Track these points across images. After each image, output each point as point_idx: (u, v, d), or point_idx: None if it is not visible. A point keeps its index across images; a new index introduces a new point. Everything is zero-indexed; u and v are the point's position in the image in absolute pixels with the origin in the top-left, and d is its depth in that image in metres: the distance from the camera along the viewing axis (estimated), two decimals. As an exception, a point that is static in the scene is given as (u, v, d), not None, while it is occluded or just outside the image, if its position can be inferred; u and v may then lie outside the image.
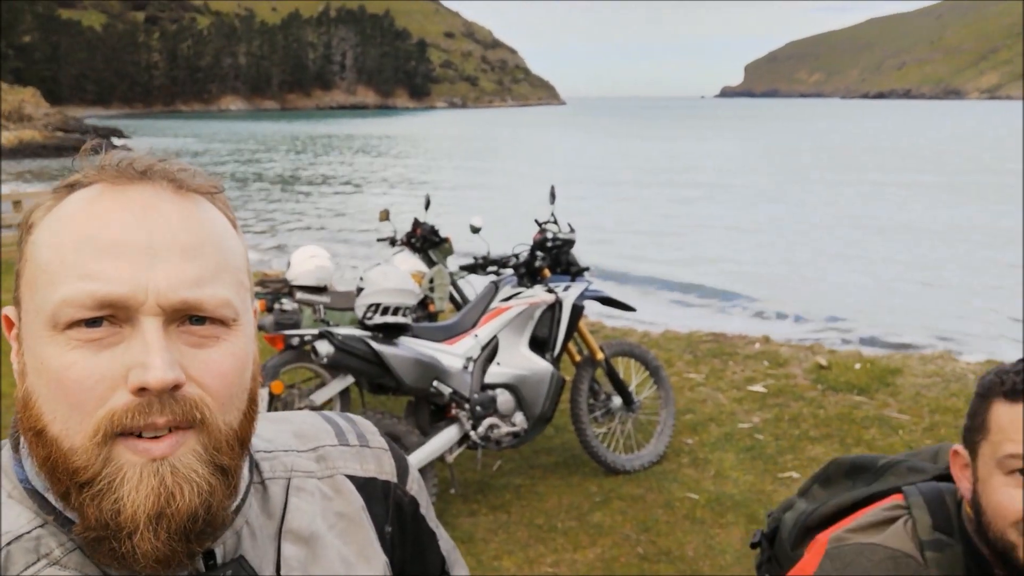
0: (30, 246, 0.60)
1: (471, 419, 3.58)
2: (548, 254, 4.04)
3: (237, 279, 0.62)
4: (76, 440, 0.56)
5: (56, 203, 0.61)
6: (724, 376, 5.68)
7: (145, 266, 0.57)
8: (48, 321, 0.57)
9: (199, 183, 0.63)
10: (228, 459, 0.60)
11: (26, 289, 0.60)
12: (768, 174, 27.43)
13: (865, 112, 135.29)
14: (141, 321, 0.56)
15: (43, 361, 0.57)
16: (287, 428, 0.77)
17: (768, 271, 12.19)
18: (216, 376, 0.59)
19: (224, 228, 0.63)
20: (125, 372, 0.56)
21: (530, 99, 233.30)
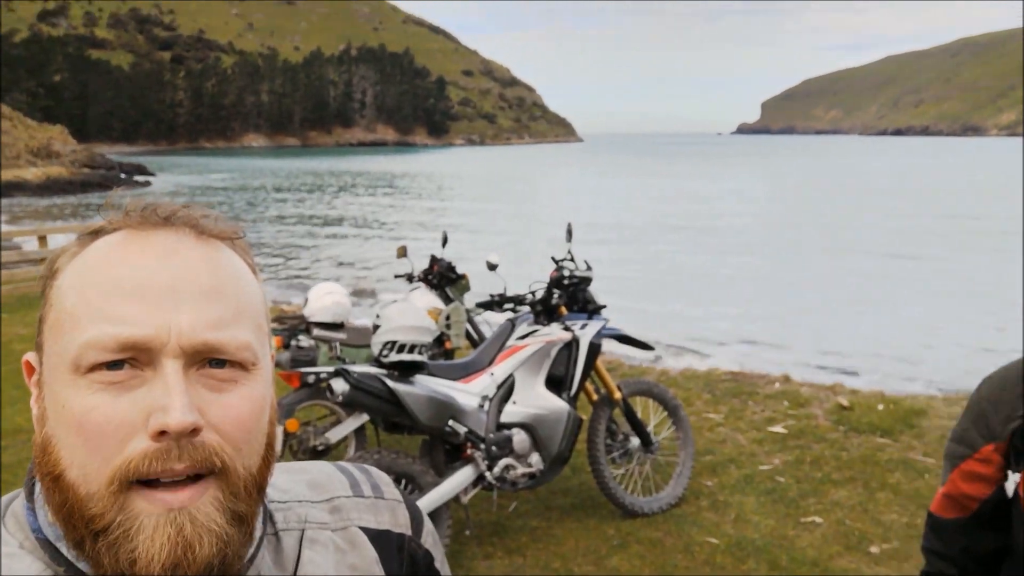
0: (54, 291, 0.61)
1: (486, 459, 3.53)
2: (565, 292, 4.02)
3: (256, 323, 0.63)
4: (93, 486, 0.56)
5: (81, 249, 0.62)
6: (744, 416, 5.59)
7: (168, 308, 0.58)
8: (71, 364, 0.57)
9: (220, 229, 0.64)
10: (246, 506, 0.60)
11: (49, 333, 0.61)
12: (787, 214, 27.34)
13: (886, 149, 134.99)
14: (163, 364, 0.57)
15: (64, 405, 0.57)
16: (301, 478, 0.76)
17: (784, 312, 12.07)
18: (234, 421, 0.59)
19: (244, 273, 0.64)
20: (145, 416, 0.56)
21: (547, 136, 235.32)
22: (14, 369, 7.06)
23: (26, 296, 10.81)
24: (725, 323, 11.19)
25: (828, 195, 36.33)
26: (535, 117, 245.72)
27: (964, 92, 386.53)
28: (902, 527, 3.93)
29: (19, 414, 5.84)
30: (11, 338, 8.28)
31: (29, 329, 8.75)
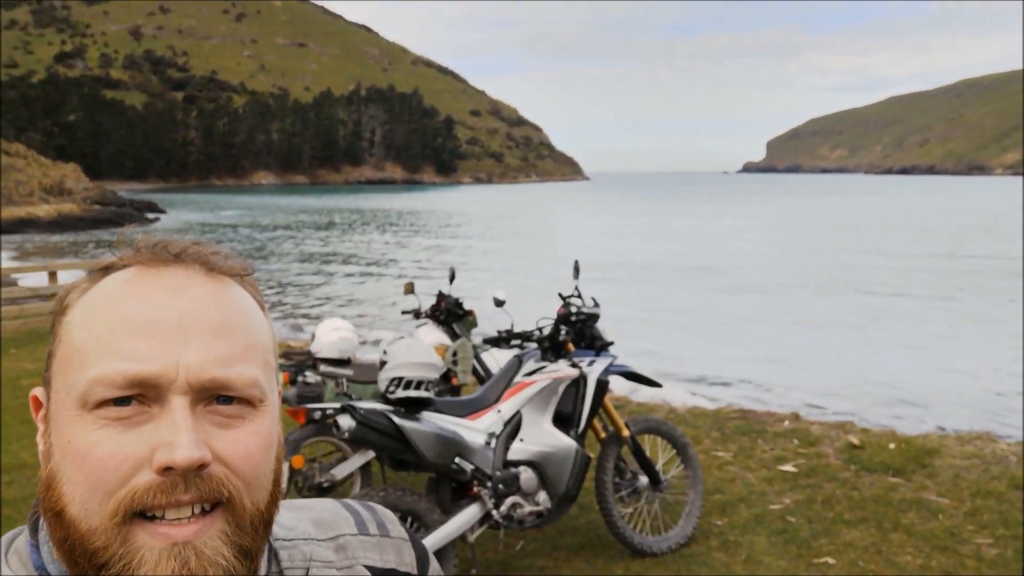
0: (64, 327, 0.62)
1: (493, 497, 3.49)
2: (572, 328, 4.01)
3: (264, 359, 0.63)
4: (95, 521, 0.56)
5: (91, 285, 0.62)
6: (753, 455, 5.52)
7: (176, 345, 0.58)
8: (78, 400, 0.58)
9: (230, 265, 0.64)
10: (252, 541, 0.60)
11: (58, 369, 0.61)
12: (792, 253, 27.34)
13: (893, 187, 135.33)
14: (170, 400, 0.57)
15: (70, 440, 0.57)
16: (307, 515, 0.75)
17: (791, 351, 12.00)
18: (242, 456, 0.59)
19: (253, 309, 0.64)
20: (151, 452, 0.56)
21: (554, 175, 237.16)
22: (20, 404, 7.06)
23: (35, 331, 10.85)
24: (732, 362, 11.12)
25: (834, 233, 36.37)
26: (542, 156, 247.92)
27: (969, 132, 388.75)
28: (916, 569, 3.85)
29: (24, 450, 5.82)
30: (18, 373, 8.29)
31: (36, 364, 8.77)
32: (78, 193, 45.63)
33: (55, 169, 47.92)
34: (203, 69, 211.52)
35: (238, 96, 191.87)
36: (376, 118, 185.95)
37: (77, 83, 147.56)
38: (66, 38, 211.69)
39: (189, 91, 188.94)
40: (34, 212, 38.27)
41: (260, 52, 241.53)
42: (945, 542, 4.10)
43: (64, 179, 46.46)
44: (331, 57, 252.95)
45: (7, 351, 9.50)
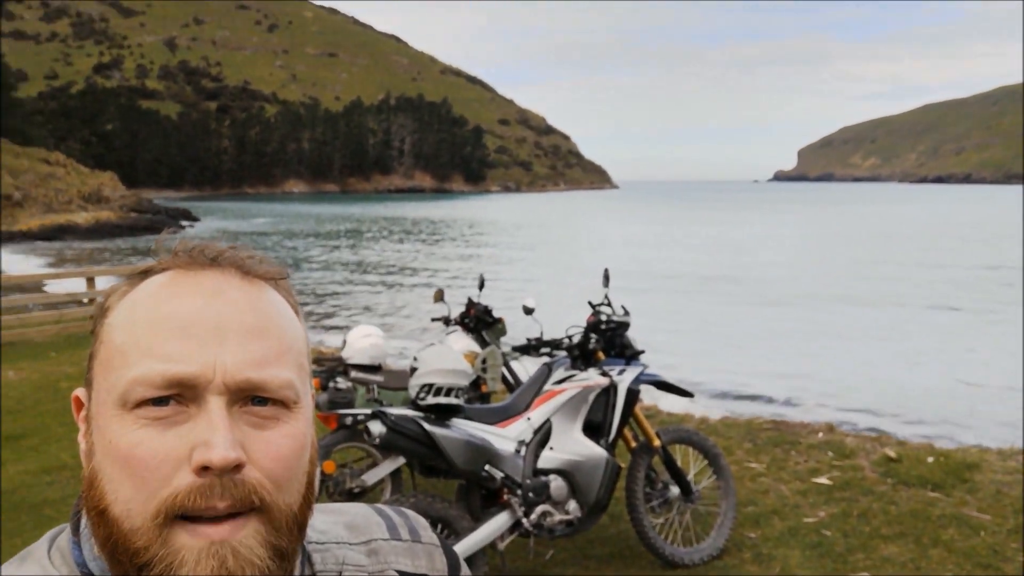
0: (105, 329, 0.63)
1: (523, 506, 3.48)
2: (602, 336, 3.98)
3: (298, 362, 0.64)
4: (137, 521, 0.57)
5: (131, 288, 0.64)
6: (787, 466, 5.44)
7: (213, 346, 0.59)
8: (118, 400, 0.59)
9: (265, 269, 0.66)
10: (287, 542, 0.60)
11: (99, 370, 0.62)
12: (824, 262, 26.95)
13: (927, 196, 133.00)
14: (207, 400, 0.58)
15: (111, 440, 0.59)
16: (339, 519, 0.76)
17: (824, 363, 11.81)
18: (276, 459, 0.60)
19: (287, 313, 0.66)
20: (189, 451, 0.57)
21: (583, 183, 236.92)
22: (61, 407, 7.19)
23: (73, 336, 11.07)
24: (761, 376, 10.96)
25: (865, 243, 35.82)
26: (570, 164, 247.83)
27: (1006, 140, 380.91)
28: (957, 586, 3.76)
29: (64, 451, 5.93)
30: (58, 377, 8.46)
31: (76, 368, 8.94)
32: (115, 201, 46.60)
33: (93, 177, 49.00)
34: (236, 79, 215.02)
35: (270, 105, 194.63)
36: (405, 127, 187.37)
37: (114, 93, 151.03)
38: (104, 50, 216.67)
39: (222, 101, 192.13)
40: (73, 219, 39.15)
41: (292, 62, 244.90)
42: (987, 559, 4.00)
43: (101, 187, 47.49)
44: (361, 67, 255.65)
45: (47, 355, 9.70)
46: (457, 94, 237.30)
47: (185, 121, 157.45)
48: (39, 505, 4.90)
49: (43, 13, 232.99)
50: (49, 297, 13.51)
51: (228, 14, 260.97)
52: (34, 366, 8.97)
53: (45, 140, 71.83)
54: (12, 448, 5.99)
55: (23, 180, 40.93)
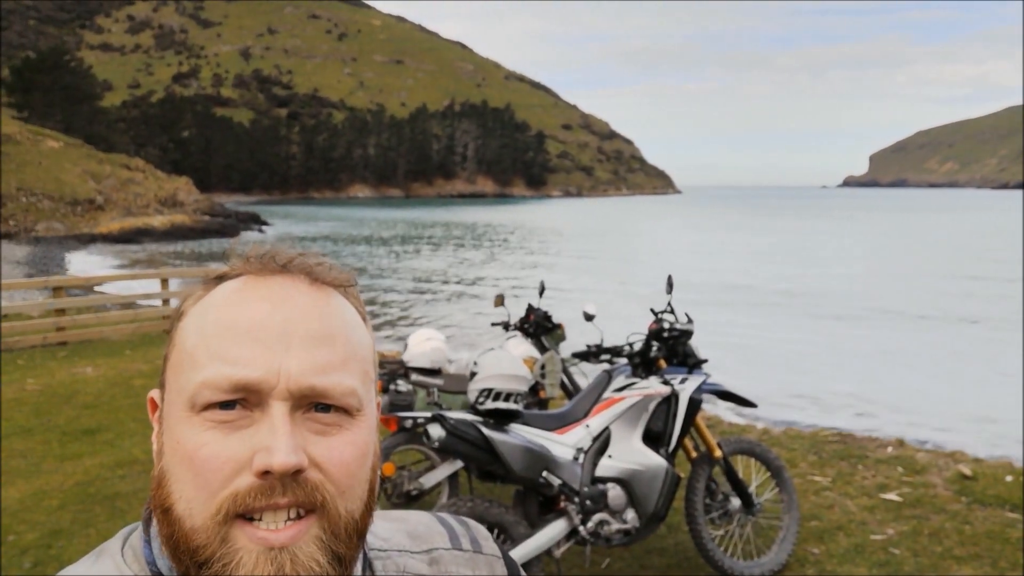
0: (179, 332, 0.65)
1: (580, 513, 3.46)
2: (664, 344, 3.94)
3: (363, 370, 0.64)
4: (198, 520, 0.58)
5: (205, 293, 0.66)
6: (853, 481, 5.27)
7: (278, 352, 0.60)
8: (187, 403, 0.60)
9: (333, 276, 0.66)
10: (346, 548, 0.61)
11: (171, 372, 0.64)
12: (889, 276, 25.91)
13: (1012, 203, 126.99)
14: (270, 405, 0.59)
15: (178, 441, 0.60)
16: (402, 527, 0.77)
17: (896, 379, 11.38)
18: (338, 464, 0.60)
19: (354, 320, 0.66)
20: (251, 455, 0.58)
21: (645, 188, 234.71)
22: (134, 403, 7.49)
23: (148, 334, 11.53)
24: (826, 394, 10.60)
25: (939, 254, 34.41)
26: (632, 169, 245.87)
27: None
28: (1036, 613, 3.58)
29: (136, 446, 6.17)
30: (131, 374, 8.82)
31: (149, 365, 9.30)
32: (189, 205, 48.34)
33: (169, 182, 50.94)
34: (306, 87, 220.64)
35: (338, 112, 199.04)
36: (469, 132, 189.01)
37: (191, 101, 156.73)
38: (183, 59, 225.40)
39: (292, 108, 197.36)
40: (150, 222, 40.77)
41: (359, 69, 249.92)
42: (1069, 585, 3.80)
43: (177, 191, 49.32)
44: (427, 73, 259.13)
45: (123, 352, 10.12)
46: (520, 100, 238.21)
47: (256, 128, 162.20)
48: (112, 497, 5.11)
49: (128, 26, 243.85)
50: (126, 297, 14.10)
51: (300, 23, 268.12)
52: (110, 363, 9.37)
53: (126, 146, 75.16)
54: (88, 442, 6.26)
55: (105, 185, 42.87)
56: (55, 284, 11.45)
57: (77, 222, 37.75)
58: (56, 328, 10.68)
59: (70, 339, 10.74)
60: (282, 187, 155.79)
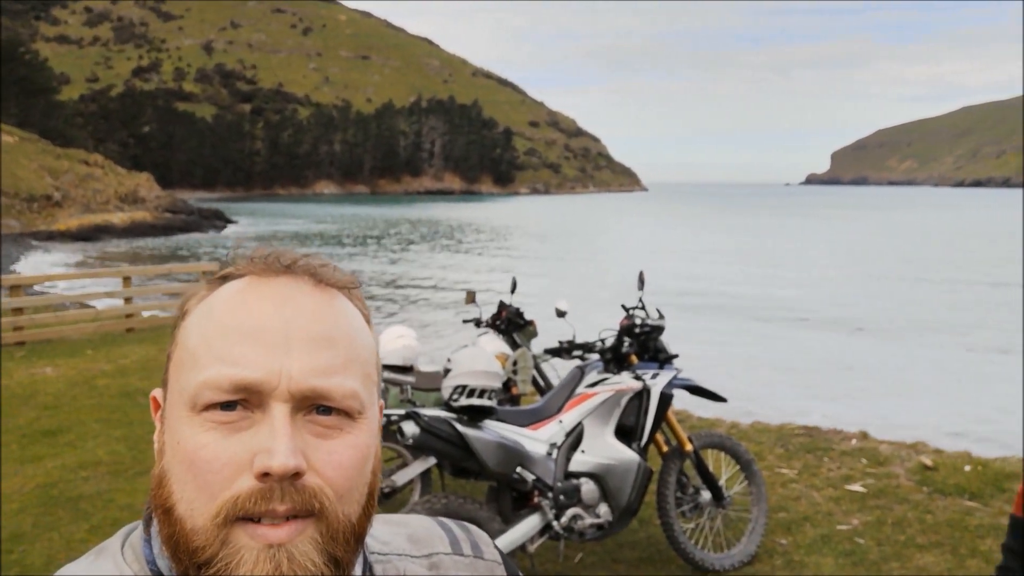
0: (182, 331, 0.65)
1: (554, 508, 3.48)
2: (636, 340, 3.97)
3: (365, 372, 0.64)
4: (199, 521, 0.58)
5: (209, 292, 0.66)
6: (819, 473, 5.38)
7: (280, 353, 0.60)
8: (188, 402, 0.60)
9: (337, 278, 0.66)
10: (343, 551, 0.61)
11: (173, 371, 0.64)
12: (849, 282, 26.26)
13: (966, 201, 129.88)
14: (271, 407, 0.59)
15: (179, 441, 0.60)
16: (402, 531, 0.76)
17: (854, 377, 11.61)
18: (337, 468, 0.60)
19: (357, 322, 0.66)
20: (251, 457, 0.58)
21: (612, 185, 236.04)
22: (97, 403, 7.35)
23: (110, 334, 11.30)
24: (791, 399, 10.73)
25: (903, 256, 35.14)
26: (600, 167, 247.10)
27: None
28: (995, 598, 3.68)
29: (100, 447, 6.05)
30: (95, 373, 8.64)
31: (112, 365, 9.12)
32: (150, 201, 47.49)
33: (130, 178, 49.98)
34: (270, 82, 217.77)
35: (303, 108, 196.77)
36: (436, 129, 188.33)
37: (152, 96, 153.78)
38: (143, 53, 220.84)
39: (256, 103, 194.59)
40: (109, 219, 39.95)
41: (325, 65, 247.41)
42: (1026, 571, 3.91)
43: (138, 188, 48.42)
44: (393, 69, 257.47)
45: (84, 352, 9.91)
46: (488, 96, 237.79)
47: (220, 123, 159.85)
48: (75, 500, 5.01)
49: (86, 18, 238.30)
50: (87, 295, 13.80)
51: (264, 17, 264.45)
52: (71, 363, 9.16)
53: (85, 142, 73.44)
54: (49, 443, 6.13)
55: (63, 181, 41.89)
56: (12, 283, 11.17)
57: (34, 219, 36.84)
58: (13, 328, 10.41)
59: (28, 339, 10.48)
60: (246, 184, 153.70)
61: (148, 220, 42.26)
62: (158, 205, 47.57)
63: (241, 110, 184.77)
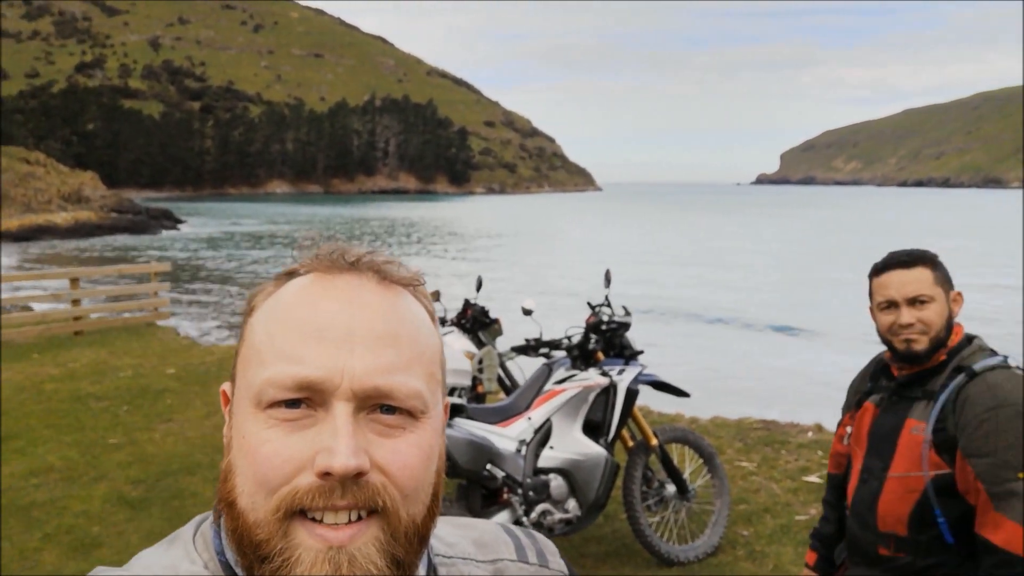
0: (249, 328, 0.65)
1: (523, 504, 3.51)
2: (602, 337, 4.02)
3: (429, 371, 0.64)
4: (260, 514, 0.59)
5: (276, 289, 0.66)
6: (777, 465, 5.51)
7: (343, 352, 0.59)
8: (253, 399, 0.60)
9: (402, 275, 0.66)
10: (405, 552, 0.60)
11: (240, 367, 0.64)
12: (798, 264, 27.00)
13: (908, 199, 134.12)
14: (334, 405, 0.59)
15: (244, 436, 0.61)
16: (468, 534, 0.76)
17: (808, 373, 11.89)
18: (401, 467, 0.60)
19: (422, 320, 0.65)
20: (313, 455, 0.58)
21: (567, 185, 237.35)
22: (46, 408, 7.13)
23: (56, 337, 10.97)
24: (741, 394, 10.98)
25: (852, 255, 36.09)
26: (555, 167, 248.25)
27: (986, 145, 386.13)
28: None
29: (50, 453, 5.89)
30: (43, 378, 8.38)
31: (61, 369, 8.86)
32: (95, 201, 46.13)
33: (73, 177, 48.48)
34: (220, 79, 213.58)
35: (254, 106, 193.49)
36: (390, 128, 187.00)
37: (96, 93, 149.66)
38: (86, 48, 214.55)
39: (206, 101, 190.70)
40: (52, 219, 38.71)
41: (277, 63, 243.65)
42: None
43: (82, 187, 47.00)
44: (347, 68, 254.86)
45: (30, 356, 9.60)
46: (443, 96, 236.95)
47: (168, 121, 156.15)
48: (27, 508, 4.87)
49: (25, 11, 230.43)
50: (32, 297, 13.37)
51: (213, 14, 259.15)
52: (16, 367, 8.87)
53: (25, 139, 71.08)
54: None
55: (2, 180, 40.45)
56: (-47, 285, 10.76)
57: (-28, 219, 35.51)
58: (-45, 331, 10.04)
59: (-29, 343, 10.11)
60: (195, 183, 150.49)
61: (93, 220, 41.04)
62: (104, 205, 46.22)
63: (190, 108, 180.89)
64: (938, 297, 1.91)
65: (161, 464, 5.68)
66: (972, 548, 1.82)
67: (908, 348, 1.91)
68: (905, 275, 1.92)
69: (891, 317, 1.93)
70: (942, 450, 1.84)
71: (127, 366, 9.07)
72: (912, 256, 1.95)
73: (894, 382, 2.00)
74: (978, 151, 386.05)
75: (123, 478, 5.41)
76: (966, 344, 1.93)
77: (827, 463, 5.41)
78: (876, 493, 1.96)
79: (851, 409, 2.15)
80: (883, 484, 1.95)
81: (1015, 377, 1.83)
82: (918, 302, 1.90)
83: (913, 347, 1.90)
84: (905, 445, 1.91)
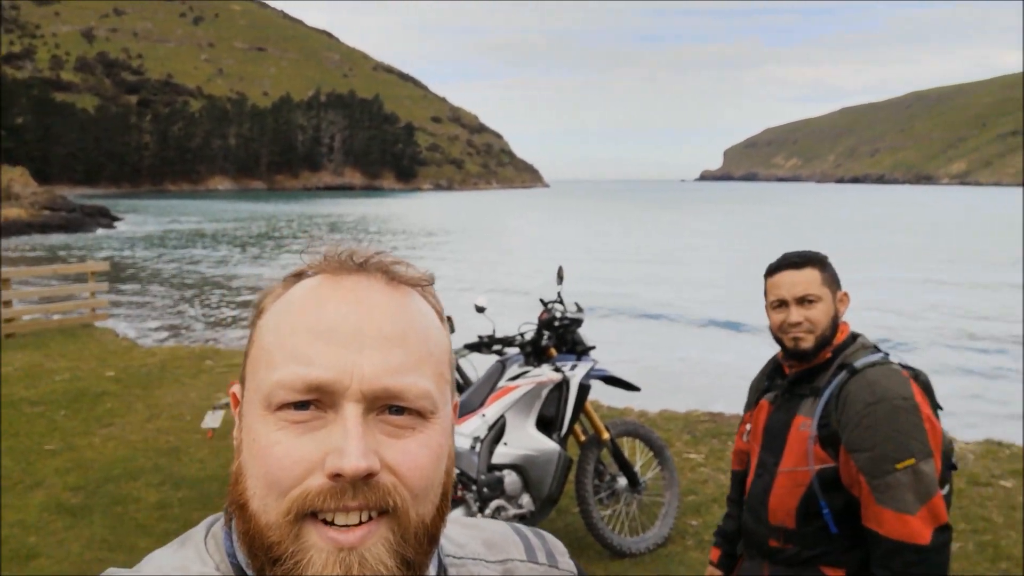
0: (258, 329, 0.65)
1: (478, 501, 3.52)
2: (555, 333, 4.05)
3: (438, 371, 0.64)
4: (271, 516, 0.59)
5: (284, 291, 0.66)
6: (724, 456, 5.63)
7: (352, 353, 0.59)
8: (263, 401, 0.61)
9: (411, 276, 0.66)
10: (415, 552, 0.60)
11: (250, 368, 0.64)
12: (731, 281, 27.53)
13: (847, 195, 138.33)
14: (343, 407, 0.59)
15: (254, 438, 0.61)
16: (478, 535, 0.77)
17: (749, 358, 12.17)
18: (411, 467, 0.60)
19: (431, 321, 0.65)
20: (323, 457, 0.58)
21: (515, 182, 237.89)
22: None
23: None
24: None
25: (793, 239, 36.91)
26: (503, 163, 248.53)
27: (917, 143, 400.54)
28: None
29: (5, 455, 5.66)
30: None
31: (6, 370, 8.51)
32: (26, 198, 44.35)
33: (1, 173, 46.51)
34: (159, 72, 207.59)
35: (195, 100, 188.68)
36: (336, 124, 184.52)
37: (26, 85, 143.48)
38: (14, 39, 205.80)
39: (144, 95, 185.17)
40: (-21, 217, 37.10)
41: (218, 56, 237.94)
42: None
43: (11, 183, 45.13)
44: (290, 62, 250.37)
45: (-40, 360, 9.19)
46: (389, 91, 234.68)
47: (103, 115, 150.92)
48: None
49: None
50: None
51: (150, 5, 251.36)
52: (-53, 371, 8.49)
53: (-51, 133, 67.85)
54: (-70, 458, 5.67)
55: (-74, 175, 38.58)
56: None
57: None
58: None
59: None
60: (133, 179, 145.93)
61: (23, 218, 39.46)
62: (34, 202, 44.44)
63: (127, 101, 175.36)
64: (825, 297, 1.98)
65: (102, 470, 5.51)
66: (855, 538, 1.91)
67: (796, 346, 1.98)
68: (795, 275, 1.99)
69: (781, 316, 2.00)
70: (826, 445, 1.92)
71: (63, 369, 8.76)
72: (803, 257, 2.02)
73: (785, 380, 2.07)
74: (910, 149, 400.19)
75: (61, 485, 5.23)
76: (851, 342, 2.00)
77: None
78: (768, 488, 2.03)
79: (751, 407, 2.21)
80: (774, 479, 2.02)
81: (894, 373, 1.90)
82: (806, 301, 1.97)
83: (800, 345, 1.98)
84: (793, 440, 1.98)
